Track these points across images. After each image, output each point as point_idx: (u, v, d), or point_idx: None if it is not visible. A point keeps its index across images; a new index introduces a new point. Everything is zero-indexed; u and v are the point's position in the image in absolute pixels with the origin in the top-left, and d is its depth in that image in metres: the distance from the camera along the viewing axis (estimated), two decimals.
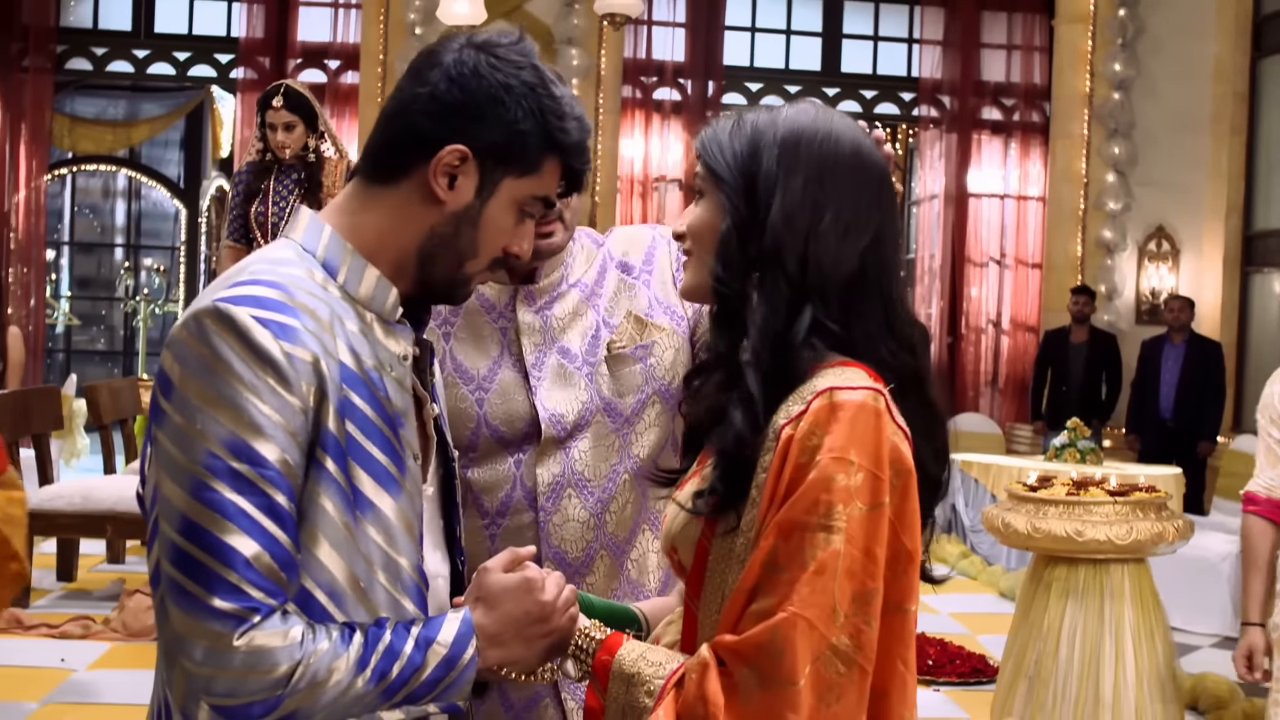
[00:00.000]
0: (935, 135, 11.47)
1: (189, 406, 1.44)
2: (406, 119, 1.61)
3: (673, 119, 11.04)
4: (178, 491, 1.43)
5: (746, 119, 1.67)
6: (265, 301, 1.48)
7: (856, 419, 1.52)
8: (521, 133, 1.61)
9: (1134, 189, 10.87)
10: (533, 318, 2.27)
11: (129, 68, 11.12)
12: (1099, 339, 10.00)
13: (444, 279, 1.66)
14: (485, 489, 2.23)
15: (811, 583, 1.49)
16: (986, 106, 11.44)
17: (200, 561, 1.41)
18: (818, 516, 1.50)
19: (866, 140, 1.67)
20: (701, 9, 11.02)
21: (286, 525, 1.45)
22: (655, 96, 11.05)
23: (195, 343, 1.46)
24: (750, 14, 11.54)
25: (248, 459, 1.43)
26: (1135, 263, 11.00)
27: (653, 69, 11.05)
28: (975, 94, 11.35)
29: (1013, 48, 11.40)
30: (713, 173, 1.66)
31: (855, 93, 11.63)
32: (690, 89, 11.08)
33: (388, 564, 1.55)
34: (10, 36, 10.47)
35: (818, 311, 1.60)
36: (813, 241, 1.60)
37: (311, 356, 1.48)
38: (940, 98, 11.42)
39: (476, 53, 1.61)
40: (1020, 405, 11.11)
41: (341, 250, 1.61)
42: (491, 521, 2.24)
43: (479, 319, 2.27)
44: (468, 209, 1.62)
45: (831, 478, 1.50)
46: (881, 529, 1.51)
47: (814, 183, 1.61)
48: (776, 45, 11.62)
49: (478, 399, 2.23)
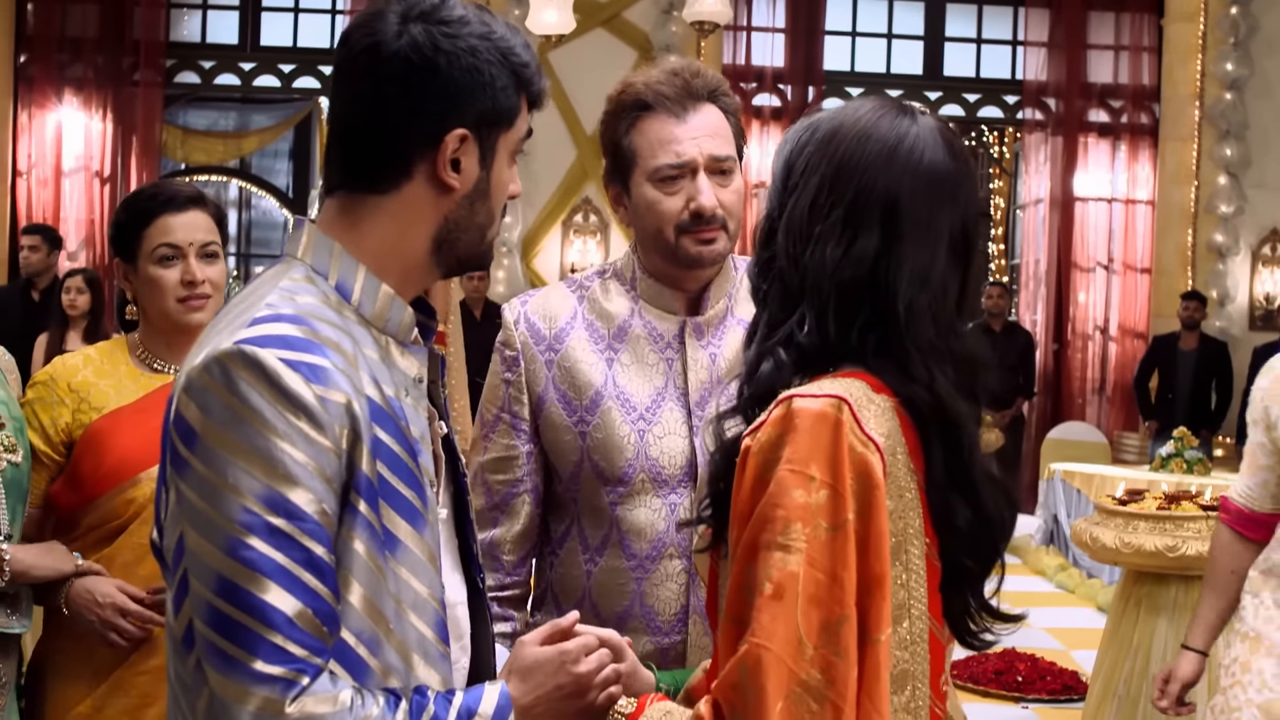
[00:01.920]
0: (1040, 138, 11.26)
1: (218, 459, 1.35)
2: (389, 122, 1.51)
3: (772, 125, 10.96)
4: (210, 549, 1.35)
5: (820, 117, 1.61)
6: (292, 341, 1.40)
7: (815, 429, 1.42)
8: (501, 89, 1.54)
9: (1247, 191, 10.58)
10: (701, 354, 2.21)
11: (236, 80, 11.34)
12: (1209, 346, 9.75)
13: (469, 254, 1.60)
14: (634, 531, 2.17)
15: (770, 608, 1.39)
16: (1093, 108, 11.19)
17: (240, 623, 1.33)
18: (774, 534, 1.40)
19: (922, 140, 1.55)
20: (801, 13, 10.94)
21: (327, 578, 1.38)
22: (755, 102, 10.99)
23: (221, 390, 1.37)
24: (851, 18, 11.42)
25: (285, 513, 1.35)
26: (1249, 267, 10.70)
27: (752, 75, 10.99)
28: (1081, 96, 11.11)
29: (1120, 48, 11.14)
30: (772, 173, 1.63)
31: (958, 96, 11.46)
32: (790, 94, 10.99)
33: (415, 601, 1.48)
34: (121, 51, 10.72)
35: (810, 321, 1.52)
36: (811, 244, 1.53)
37: (344, 398, 1.40)
38: (1045, 100, 11.21)
39: (423, 27, 1.50)
40: (1129, 414, 10.86)
41: (353, 269, 1.52)
42: (639, 565, 2.17)
43: (645, 348, 2.21)
44: (477, 185, 1.56)
45: (788, 492, 1.41)
46: (847, 551, 1.40)
47: (826, 182, 1.54)
48: (878, 49, 11.48)
49: (639, 430, 2.17)
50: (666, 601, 2.17)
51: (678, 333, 2.22)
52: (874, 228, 1.52)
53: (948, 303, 1.55)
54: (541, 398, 2.22)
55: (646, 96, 2.16)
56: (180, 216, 2.56)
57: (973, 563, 1.56)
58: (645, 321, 2.22)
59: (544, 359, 2.23)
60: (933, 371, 1.51)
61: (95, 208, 10.75)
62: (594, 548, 2.22)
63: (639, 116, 2.17)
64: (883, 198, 1.52)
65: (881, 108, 1.58)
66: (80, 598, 2.43)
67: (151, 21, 10.77)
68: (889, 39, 11.48)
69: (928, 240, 1.53)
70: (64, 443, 2.53)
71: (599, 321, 2.24)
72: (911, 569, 1.50)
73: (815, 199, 1.54)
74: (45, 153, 10.66)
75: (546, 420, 2.21)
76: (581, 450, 2.19)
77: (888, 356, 1.52)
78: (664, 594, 2.17)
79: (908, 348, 1.51)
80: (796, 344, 1.52)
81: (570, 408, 2.20)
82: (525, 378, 2.23)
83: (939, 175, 1.55)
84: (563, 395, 2.21)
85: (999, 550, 1.59)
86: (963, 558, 1.55)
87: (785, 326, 1.54)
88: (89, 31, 10.65)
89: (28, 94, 10.63)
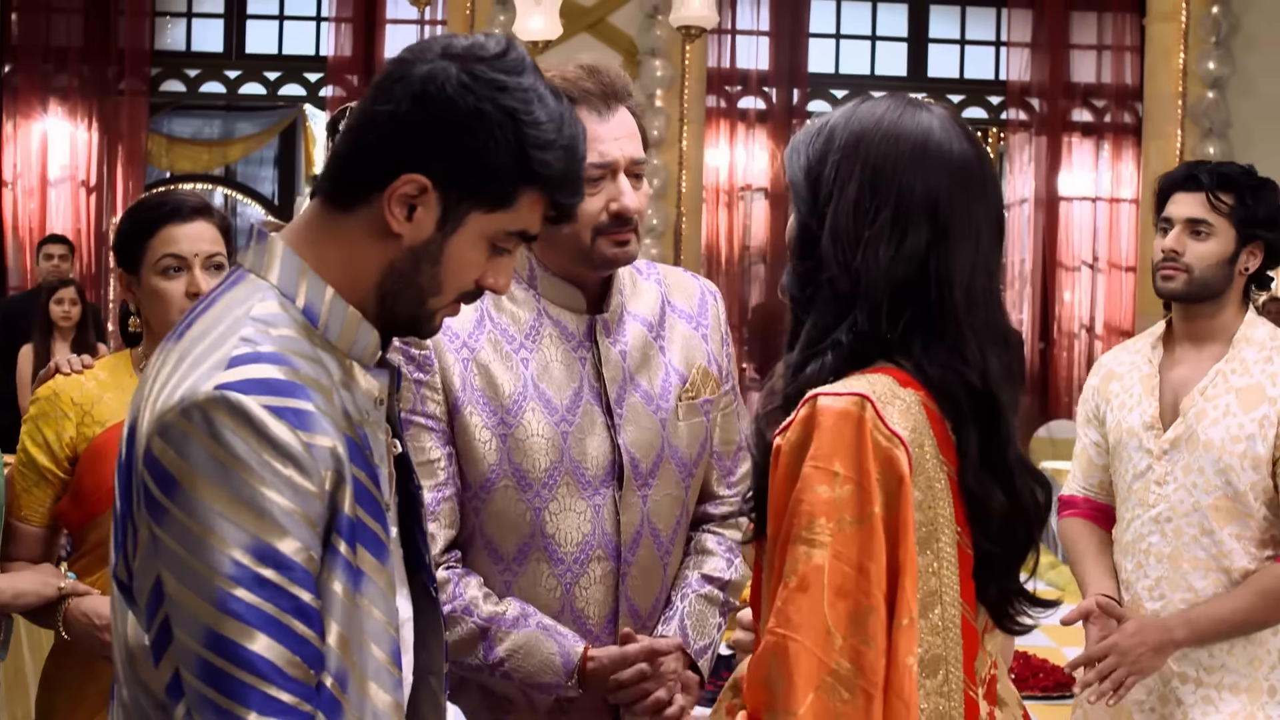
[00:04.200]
0: (1024, 138, 11.29)
1: (201, 508, 1.31)
2: (366, 141, 1.45)
3: (758, 128, 10.97)
4: (197, 600, 1.32)
5: (828, 122, 1.64)
6: (275, 385, 1.35)
7: (839, 426, 1.47)
8: (491, 165, 1.42)
9: None
10: (612, 351, 2.19)
11: (221, 88, 11.32)
12: None
13: (407, 316, 1.51)
14: (560, 535, 2.13)
15: (795, 600, 1.43)
16: (1076, 108, 11.22)
17: (229, 674, 1.31)
18: (799, 528, 1.44)
19: (945, 132, 1.59)
20: (785, 17, 10.95)
21: (313, 623, 1.35)
22: (740, 105, 10.98)
23: (203, 438, 1.32)
24: (835, 20, 11.43)
25: (274, 563, 1.32)
26: None
27: (737, 78, 10.99)
28: (1065, 96, 11.14)
29: (1103, 48, 11.17)
30: (790, 183, 1.65)
31: (942, 97, 11.42)
32: (775, 97, 11.00)
33: (375, 631, 1.45)
34: (106, 60, 10.68)
35: (861, 322, 1.55)
36: (861, 249, 1.55)
37: (330, 443, 1.37)
38: (1029, 100, 11.24)
39: (451, 66, 1.42)
40: None
41: (321, 292, 1.46)
42: (566, 569, 2.14)
43: (558, 346, 2.17)
44: (427, 244, 1.45)
45: (812, 488, 1.45)
46: (873, 543, 1.45)
47: (866, 185, 1.57)
48: (862, 51, 11.50)
49: (562, 432, 2.13)
50: (596, 604, 2.16)
51: (588, 330, 2.18)
52: (921, 224, 1.56)
53: (995, 281, 1.62)
54: (459, 399, 2.13)
55: (572, 93, 2.08)
56: (185, 227, 2.52)
57: (1007, 549, 1.60)
58: (553, 319, 2.18)
59: (460, 358, 2.14)
60: (986, 354, 1.56)
61: (81, 217, 10.71)
62: (510, 558, 2.16)
63: None
64: (925, 194, 1.56)
65: (896, 105, 1.62)
66: (78, 622, 2.40)
67: (136, 30, 10.74)
68: (873, 41, 11.51)
69: (971, 227, 1.59)
70: (69, 458, 2.50)
71: (506, 320, 2.18)
72: (943, 557, 1.54)
73: (857, 204, 1.57)
74: (31, 162, 10.61)
75: (462, 423, 2.13)
76: (501, 453, 2.12)
77: (939, 344, 1.55)
78: (593, 596, 2.15)
79: (965, 332, 1.56)
80: (843, 344, 1.56)
81: (489, 410, 2.13)
82: (440, 378, 2.14)
83: (969, 163, 1.60)
84: (482, 396, 2.13)
85: (1033, 536, 1.64)
86: (997, 545, 1.59)
87: (838, 330, 1.56)
88: (74, 41, 10.59)
89: (12, 104, 10.58)
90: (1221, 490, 2.86)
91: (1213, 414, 2.89)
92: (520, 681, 2.12)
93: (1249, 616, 2.84)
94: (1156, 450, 2.95)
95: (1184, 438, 2.91)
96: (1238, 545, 2.86)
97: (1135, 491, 2.97)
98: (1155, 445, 2.95)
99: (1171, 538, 2.91)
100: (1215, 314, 2.97)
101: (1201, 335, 2.99)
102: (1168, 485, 2.92)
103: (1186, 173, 3.05)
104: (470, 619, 2.12)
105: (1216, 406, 2.90)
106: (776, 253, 10.86)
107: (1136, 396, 3.01)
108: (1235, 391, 2.89)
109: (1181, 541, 2.90)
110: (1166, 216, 3.01)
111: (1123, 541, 3.03)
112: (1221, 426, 2.87)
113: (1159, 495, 2.94)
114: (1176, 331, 3.04)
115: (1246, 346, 2.93)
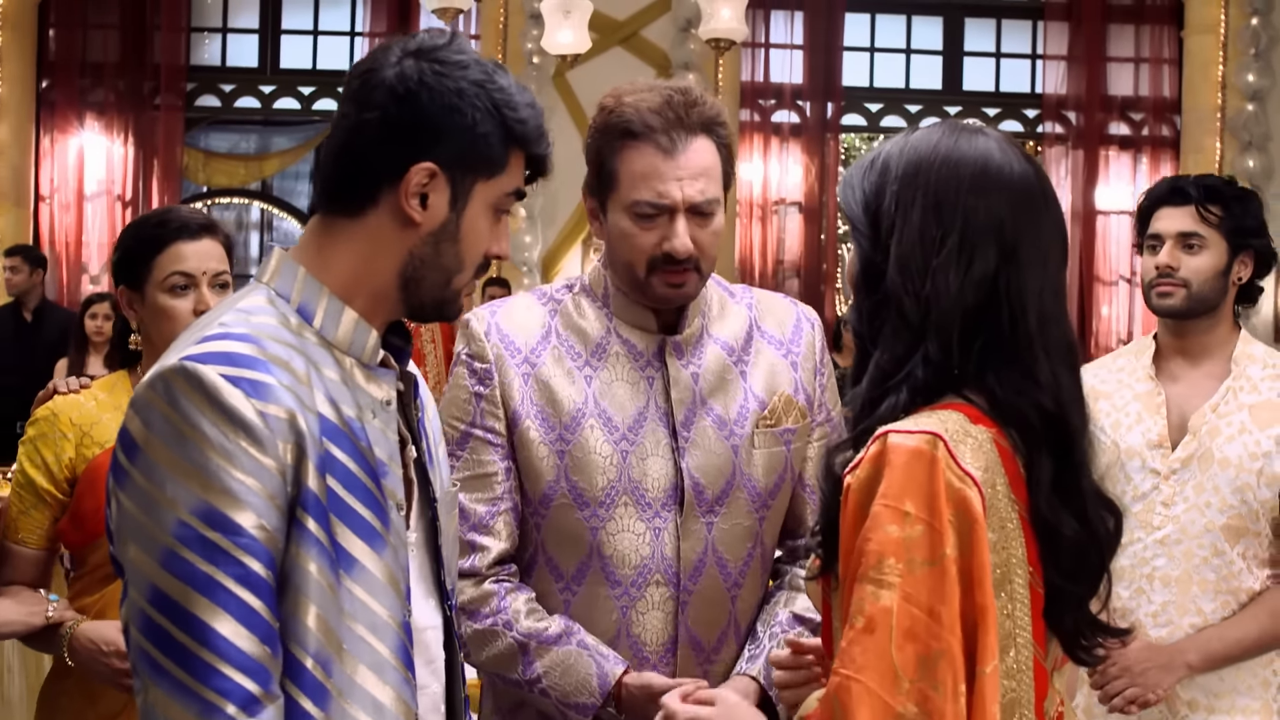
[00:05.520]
0: (1061, 152, 11.20)
1: (157, 472, 1.38)
2: (363, 148, 1.55)
3: (792, 141, 10.94)
4: (147, 560, 1.38)
5: (880, 154, 1.62)
6: (236, 358, 1.42)
7: (910, 465, 1.44)
8: (483, 135, 1.55)
9: (1269, 202, 10.47)
10: (683, 373, 2.14)
11: (256, 103, 11.38)
12: None
13: (433, 299, 1.61)
14: (617, 556, 2.10)
15: (861, 642, 1.40)
16: (1114, 121, 11.14)
17: (177, 640, 1.35)
18: (867, 568, 1.42)
19: (1003, 154, 1.58)
20: (819, 30, 10.92)
21: (264, 594, 1.38)
22: (774, 119, 10.96)
23: (163, 405, 1.40)
24: (869, 34, 11.40)
25: (221, 527, 1.37)
26: (1273, 278, 10.59)
27: (771, 91, 10.97)
28: (1102, 109, 11.06)
29: (1140, 60, 11.09)
30: (848, 218, 1.62)
31: (977, 111, 11.41)
32: (809, 111, 10.97)
33: (374, 623, 1.48)
34: (142, 75, 10.77)
35: (933, 352, 1.53)
36: (930, 278, 1.53)
37: (287, 413, 1.42)
38: (1065, 113, 11.16)
39: (417, 62, 1.54)
40: None
41: (317, 293, 1.55)
42: (624, 592, 2.10)
43: (625, 365, 2.14)
44: (445, 225, 1.57)
45: (882, 527, 1.42)
46: (944, 585, 1.41)
47: (930, 213, 1.55)
48: (896, 64, 11.46)
49: (622, 451, 2.10)
50: (654, 631, 2.12)
51: (657, 350, 2.15)
52: (989, 247, 1.54)
53: (1063, 300, 1.60)
54: (517, 413, 2.12)
55: (635, 125, 2.07)
56: (194, 244, 2.50)
57: (1079, 581, 1.58)
58: (622, 339, 2.15)
59: (520, 372, 2.14)
60: (1058, 376, 1.54)
61: (117, 231, 10.74)
62: (569, 577, 2.14)
63: (625, 143, 2.08)
64: (989, 217, 1.54)
65: (950, 132, 1.60)
66: (85, 649, 2.36)
67: (172, 46, 10.81)
68: (907, 54, 11.46)
69: (1038, 247, 1.57)
70: (68, 479, 2.46)
71: (574, 337, 2.16)
72: (1016, 598, 1.51)
73: (923, 234, 1.55)
74: (67, 177, 10.70)
75: (521, 437, 2.12)
76: (559, 470, 2.11)
77: (1012, 369, 1.53)
78: (651, 623, 2.11)
79: (1038, 354, 1.54)
80: (917, 377, 1.53)
81: (548, 425, 2.12)
82: (500, 392, 2.13)
83: (1030, 183, 1.58)
84: (540, 411, 2.12)
85: (1105, 565, 1.61)
86: (1069, 577, 1.56)
87: (910, 362, 1.54)
88: (110, 56, 10.69)
89: (50, 119, 10.67)
90: (1235, 509, 2.79)
91: (1227, 431, 2.82)
92: (556, 700, 2.10)
93: (1261, 638, 2.78)
94: (1164, 469, 2.86)
95: (1196, 455, 2.83)
96: (1245, 565, 2.79)
97: (1136, 514, 2.86)
98: (1163, 464, 2.86)
99: (1181, 560, 2.81)
100: (1210, 329, 2.91)
101: (1195, 351, 2.93)
102: (1176, 506, 2.83)
103: (1171, 187, 2.99)
104: (510, 634, 2.11)
105: (1230, 424, 2.82)
106: (810, 267, 10.83)
107: (1135, 415, 2.92)
108: (1247, 408, 2.83)
109: (1192, 564, 2.81)
110: (1155, 233, 2.95)
111: (1115, 567, 2.89)
112: (1238, 443, 2.80)
113: (1166, 517, 2.84)
114: (1166, 348, 2.97)
115: (1250, 364, 2.88)
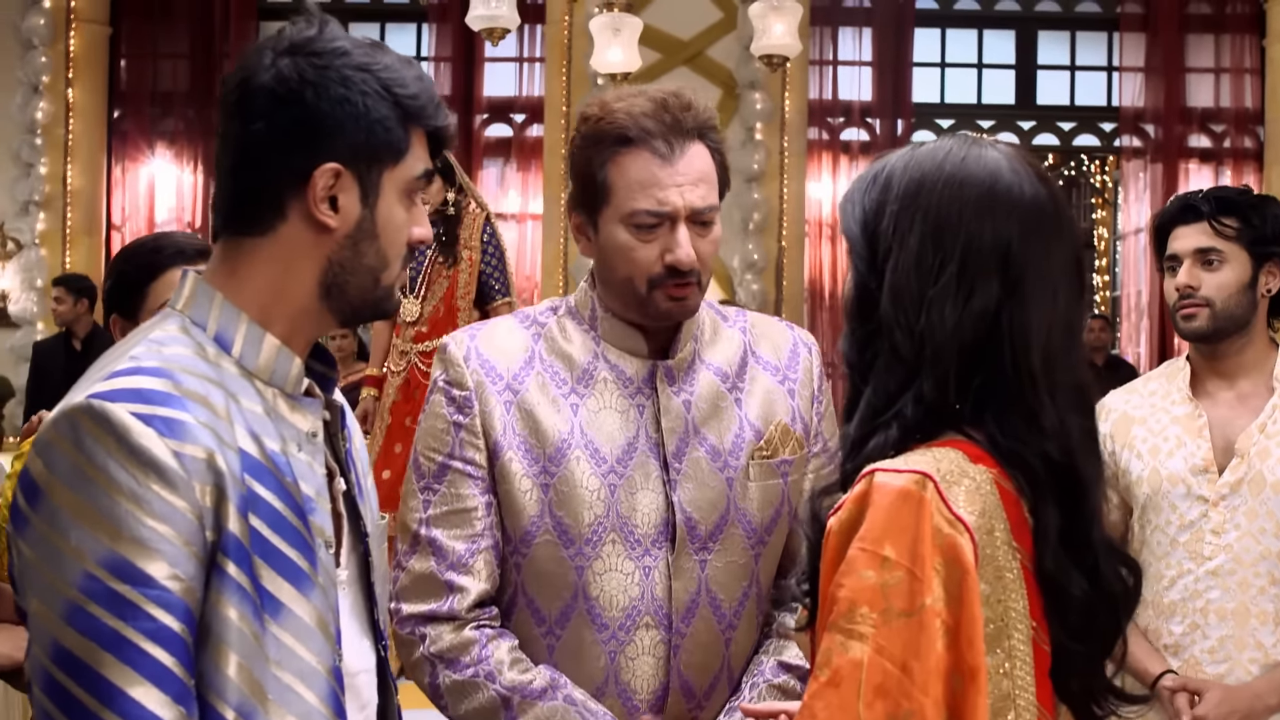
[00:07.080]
0: (1139, 166, 10.95)
1: (61, 520, 1.27)
2: (258, 161, 1.45)
3: (861, 160, 10.77)
4: (49, 614, 1.26)
5: (885, 168, 1.48)
6: (147, 394, 1.32)
7: (895, 507, 1.31)
8: (379, 120, 1.45)
9: None
10: (674, 401, 2.01)
11: None
12: None
13: (363, 301, 1.52)
14: (604, 597, 1.96)
15: (824, 696, 1.28)
16: (1193, 133, 10.86)
17: (80, 702, 1.25)
18: (839, 616, 1.30)
19: (1015, 173, 1.44)
20: (889, 46, 10.77)
21: (177, 650, 1.28)
22: (843, 137, 10.82)
23: (67, 446, 1.29)
24: (940, 49, 11.23)
25: (130, 579, 1.26)
26: None
27: (840, 109, 10.82)
28: (1181, 121, 10.79)
29: (1220, 71, 10.81)
30: (845, 237, 1.49)
31: (1052, 125, 11.20)
32: (879, 128, 10.81)
33: (302, 671, 1.37)
34: (211, 104, 10.80)
35: (927, 390, 1.39)
36: (925, 310, 1.40)
37: (205, 453, 1.31)
38: (1144, 126, 10.90)
39: (294, 59, 1.44)
40: None
41: (235, 319, 1.45)
42: (611, 636, 1.97)
43: (613, 391, 2.01)
44: (360, 224, 1.47)
45: (856, 572, 1.30)
46: (921, 638, 1.28)
47: (929, 238, 1.41)
48: (968, 80, 11.27)
49: (610, 484, 1.96)
50: (644, 678, 1.98)
51: (648, 376, 2.02)
52: (991, 279, 1.40)
53: (1076, 338, 1.45)
54: (499, 444, 1.99)
55: (630, 130, 1.95)
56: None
57: (1088, 642, 1.43)
58: (610, 364, 2.02)
59: (502, 400, 2.01)
60: (1066, 422, 1.40)
61: None
62: (553, 620, 2.00)
63: (619, 151, 1.97)
64: (994, 245, 1.41)
65: (959, 146, 1.47)
66: None
67: None
68: (979, 69, 11.27)
69: (1047, 278, 1.42)
70: None
71: (559, 363, 2.04)
72: (1015, 656, 1.37)
73: (920, 260, 1.41)
74: (139, 205, 10.82)
75: (503, 470, 1.99)
76: (543, 504, 1.97)
77: (1014, 413, 1.39)
78: (641, 669, 1.98)
79: (1042, 398, 1.39)
80: (907, 415, 1.40)
81: (532, 457, 1.98)
82: (480, 421, 2.00)
83: (1043, 206, 1.44)
84: (524, 442, 1.99)
85: (1120, 626, 1.46)
86: (1078, 638, 1.42)
87: (902, 399, 1.41)
88: (180, 85, 10.81)
89: (121, 148, 10.81)
90: None
91: (1277, 452, 2.66)
92: None
93: None
94: (1213, 495, 2.69)
95: (1246, 479, 2.67)
96: None
97: (1184, 544, 2.70)
98: (1211, 490, 2.69)
99: (1236, 591, 2.64)
100: (1244, 347, 2.76)
101: (1232, 372, 2.78)
102: (1228, 534, 2.66)
103: (1182, 204, 2.83)
104: (493, 686, 1.95)
105: None
106: None
107: (1175, 439, 2.75)
108: None
109: (1248, 595, 2.64)
110: (1172, 254, 2.80)
111: (1165, 602, 2.73)
112: None
113: (1216, 546, 2.67)
114: (1201, 370, 2.81)
115: None
